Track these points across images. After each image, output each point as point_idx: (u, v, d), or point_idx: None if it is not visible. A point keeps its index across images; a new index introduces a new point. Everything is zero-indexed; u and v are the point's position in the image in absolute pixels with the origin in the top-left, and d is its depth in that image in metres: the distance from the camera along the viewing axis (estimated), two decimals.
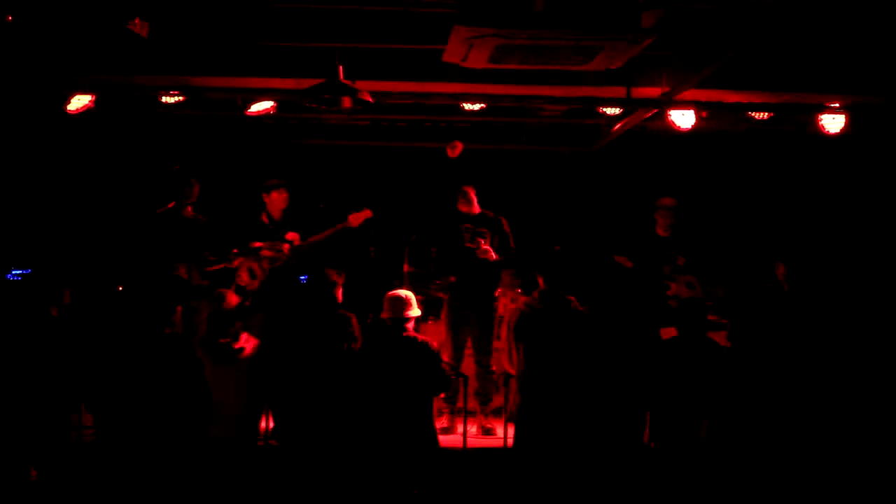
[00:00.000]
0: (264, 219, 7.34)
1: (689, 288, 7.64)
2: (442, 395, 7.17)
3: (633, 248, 7.73)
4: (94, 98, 7.32)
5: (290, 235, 7.19)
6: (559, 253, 5.65)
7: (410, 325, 5.68)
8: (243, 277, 6.99)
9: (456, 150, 7.46)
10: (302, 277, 7.16)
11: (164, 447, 4.97)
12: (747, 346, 5.24)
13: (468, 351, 7.24)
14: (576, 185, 9.75)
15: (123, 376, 5.02)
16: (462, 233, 7.04)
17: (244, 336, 5.74)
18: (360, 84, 6.64)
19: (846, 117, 7.70)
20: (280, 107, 7.88)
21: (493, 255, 7.01)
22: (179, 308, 6.44)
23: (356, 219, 7.31)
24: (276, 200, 7.33)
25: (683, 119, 7.69)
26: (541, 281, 5.61)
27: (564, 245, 5.76)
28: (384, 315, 5.65)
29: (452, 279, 7.07)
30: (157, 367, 5.00)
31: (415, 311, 5.66)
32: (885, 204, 8.83)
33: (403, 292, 5.72)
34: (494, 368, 7.11)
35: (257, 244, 7.12)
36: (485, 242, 6.99)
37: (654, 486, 5.46)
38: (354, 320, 5.70)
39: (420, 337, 5.67)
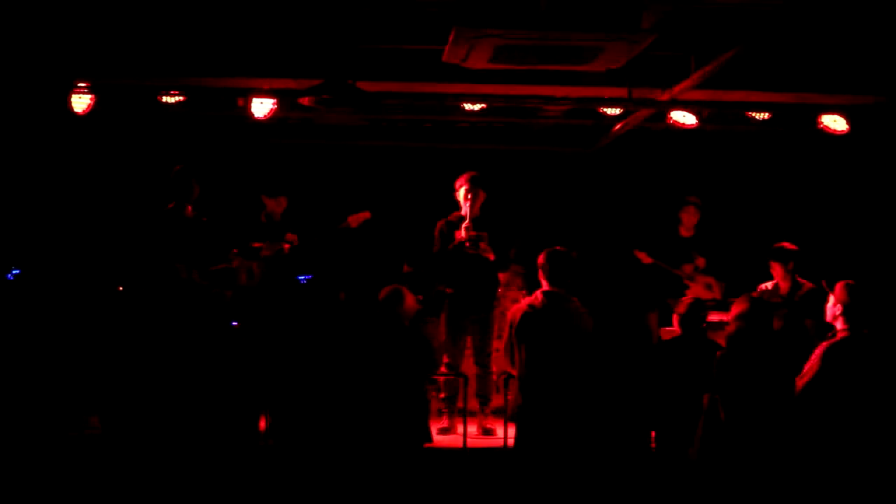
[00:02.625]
0: (263, 219, 7.37)
1: (707, 289, 7.64)
2: (442, 396, 7.17)
3: (656, 246, 7.75)
4: (94, 99, 7.31)
5: (290, 236, 7.20)
6: (563, 253, 5.63)
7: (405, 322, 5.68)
8: (242, 278, 6.99)
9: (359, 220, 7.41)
10: (302, 278, 7.16)
11: (174, 446, 4.98)
12: (746, 346, 5.23)
13: (468, 351, 7.23)
14: (577, 185, 9.75)
15: (135, 375, 5.03)
16: (460, 241, 7.02)
17: None
18: (360, 84, 6.63)
19: (847, 117, 7.70)
20: (280, 107, 7.88)
21: (492, 256, 7.00)
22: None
23: (355, 220, 7.31)
24: (277, 204, 7.36)
25: (684, 119, 7.70)
26: (543, 281, 5.61)
27: (567, 245, 5.74)
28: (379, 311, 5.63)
29: (449, 290, 7.06)
30: (170, 366, 5.02)
31: (408, 309, 5.64)
32: (886, 204, 8.82)
33: (397, 288, 5.69)
34: (494, 369, 7.11)
35: (257, 244, 7.12)
36: (481, 241, 6.98)
37: (656, 488, 5.46)
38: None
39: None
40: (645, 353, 5.65)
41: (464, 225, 6.95)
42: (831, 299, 5.34)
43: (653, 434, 5.94)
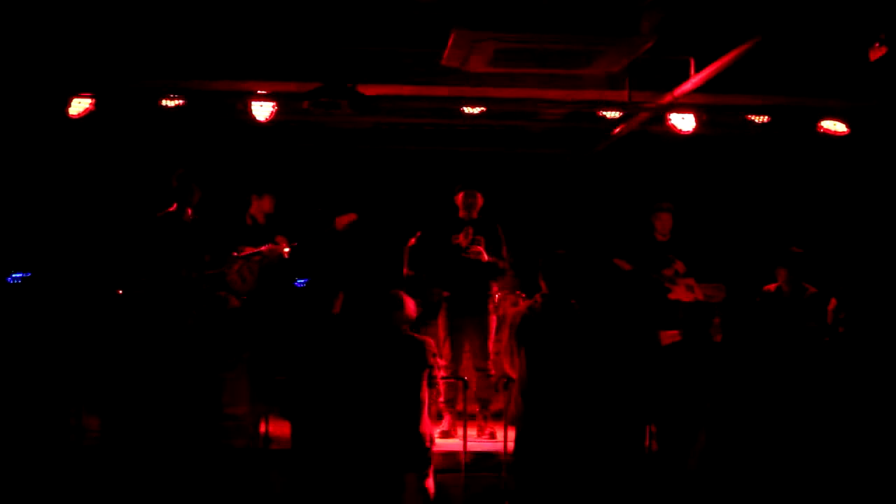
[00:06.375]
0: (248, 221, 7.33)
1: (688, 291, 7.65)
2: (441, 399, 7.17)
3: (633, 252, 7.74)
4: (94, 102, 7.31)
5: (279, 239, 7.18)
6: (562, 256, 5.63)
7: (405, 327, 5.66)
8: (236, 283, 6.98)
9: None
10: (298, 283, 7.16)
11: (174, 451, 4.96)
12: (748, 350, 5.23)
13: (467, 354, 7.23)
14: (577, 188, 9.76)
15: (135, 379, 5.02)
16: (457, 244, 7.03)
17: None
18: (360, 87, 6.64)
19: (845, 121, 7.71)
20: (281, 110, 7.88)
21: (485, 256, 7.02)
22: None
23: (341, 222, 7.28)
24: (265, 204, 7.33)
25: (683, 122, 7.70)
26: (542, 284, 5.60)
27: (566, 248, 5.74)
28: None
29: (446, 294, 7.07)
30: (170, 370, 5.00)
31: (409, 314, 5.63)
32: (884, 207, 8.83)
33: (395, 293, 5.68)
34: (493, 372, 7.11)
35: (249, 249, 7.09)
36: (477, 245, 7.00)
37: (656, 491, 5.45)
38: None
39: (419, 336, 5.67)
40: (647, 356, 5.62)
41: (464, 229, 6.98)
42: (833, 303, 5.35)
43: (655, 441, 5.94)
